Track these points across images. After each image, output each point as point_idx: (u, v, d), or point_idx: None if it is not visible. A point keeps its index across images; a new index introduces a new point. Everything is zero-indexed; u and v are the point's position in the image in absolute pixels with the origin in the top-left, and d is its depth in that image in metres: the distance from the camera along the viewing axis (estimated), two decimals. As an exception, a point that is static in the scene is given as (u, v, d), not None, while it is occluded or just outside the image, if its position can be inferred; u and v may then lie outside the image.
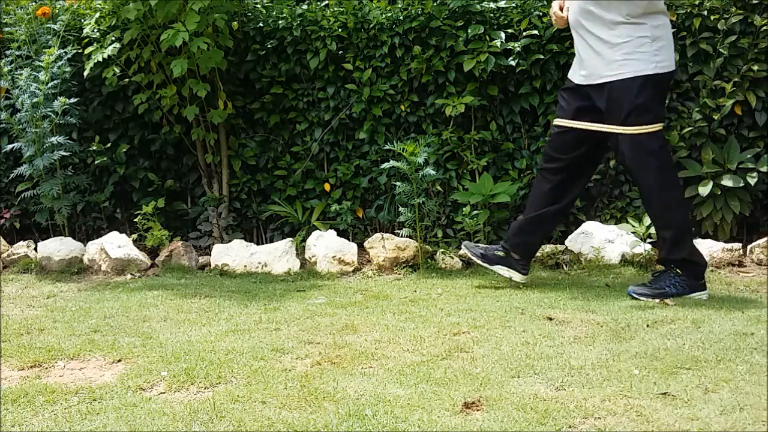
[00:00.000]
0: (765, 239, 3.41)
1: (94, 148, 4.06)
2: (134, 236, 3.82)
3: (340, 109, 3.95)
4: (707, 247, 3.37)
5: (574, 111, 2.95)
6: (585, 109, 2.93)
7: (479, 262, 3.19)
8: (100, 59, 3.70)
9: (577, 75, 2.97)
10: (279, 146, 4.09)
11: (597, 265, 3.35)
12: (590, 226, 3.54)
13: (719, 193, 3.57)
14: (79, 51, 3.95)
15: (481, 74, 3.70)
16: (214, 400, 1.88)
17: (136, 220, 3.89)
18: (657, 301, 2.80)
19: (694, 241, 3.00)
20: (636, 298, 2.83)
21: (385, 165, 3.58)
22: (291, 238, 3.74)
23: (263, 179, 4.08)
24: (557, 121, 3.03)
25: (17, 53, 3.96)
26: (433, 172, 3.49)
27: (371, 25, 3.83)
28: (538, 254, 3.48)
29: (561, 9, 3.03)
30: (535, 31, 3.69)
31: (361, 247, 3.69)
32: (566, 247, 3.55)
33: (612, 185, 3.79)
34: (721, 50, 3.59)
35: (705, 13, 3.60)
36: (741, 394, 1.84)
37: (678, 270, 2.86)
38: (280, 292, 3.12)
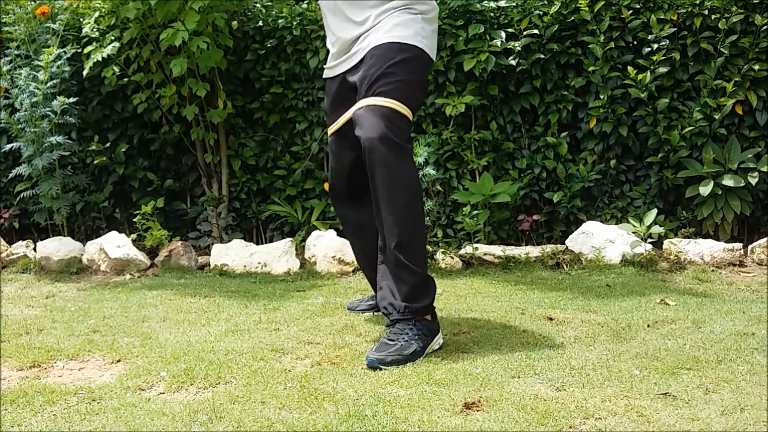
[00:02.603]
0: (766, 239, 3.40)
1: (94, 147, 4.06)
2: (133, 236, 3.82)
3: (339, 109, 3.94)
4: (708, 247, 3.37)
5: None
6: None
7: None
8: (100, 58, 3.70)
9: None
10: (279, 146, 4.09)
11: (597, 265, 3.34)
12: (591, 226, 3.53)
13: (720, 192, 3.56)
14: (79, 50, 3.95)
15: (481, 74, 3.70)
16: (213, 400, 1.87)
17: (135, 219, 3.88)
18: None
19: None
20: (380, 368, 2.11)
21: (385, 165, 3.57)
22: (291, 238, 3.73)
23: (263, 179, 4.08)
24: None
25: (16, 53, 3.95)
26: (433, 172, 3.48)
27: (371, 25, 3.82)
28: (538, 254, 3.48)
29: None
30: (536, 31, 3.69)
31: (361, 247, 3.68)
32: (566, 247, 3.54)
33: (612, 185, 3.78)
34: (722, 49, 3.58)
35: (706, 12, 3.60)
36: (742, 394, 1.84)
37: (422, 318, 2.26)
38: (280, 292, 3.12)
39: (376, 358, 2.13)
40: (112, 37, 3.76)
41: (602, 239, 3.45)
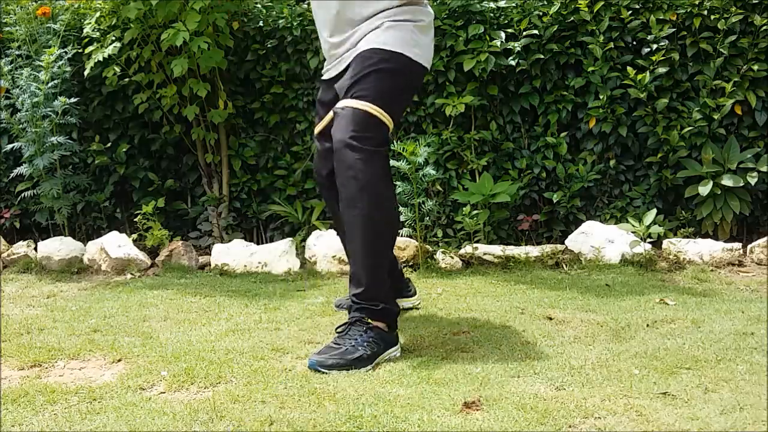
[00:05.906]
0: (765, 239, 3.41)
1: (94, 147, 4.06)
2: (134, 236, 3.82)
3: (340, 109, 3.94)
4: (707, 247, 3.38)
5: None
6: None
7: None
8: (101, 59, 3.70)
9: None
10: (279, 146, 4.09)
11: (597, 265, 3.35)
12: (590, 226, 3.54)
13: (719, 192, 3.57)
14: (80, 50, 3.95)
15: (481, 74, 3.70)
16: (214, 399, 1.88)
17: (136, 219, 3.89)
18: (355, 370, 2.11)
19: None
20: (320, 371, 2.09)
21: (385, 165, 3.57)
22: (291, 238, 3.74)
23: (263, 179, 4.09)
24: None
25: (17, 53, 3.96)
26: (433, 172, 3.49)
27: (371, 25, 3.82)
28: (538, 254, 3.49)
29: None
30: (535, 31, 3.69)
31: (361, 247, 3.68)
32: (566, 247, 3.55)
33: (612, 185, 3.79)
34: (721, 50, 3.59)
35: (705, 12, 3.60)
36: (741, 393, 1.85)
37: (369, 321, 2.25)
38: (280, 292, 3.12)
39: (316, 360, 2.12)
40: (113, 38, 3.77)
41: (602, 239, 3.45)
